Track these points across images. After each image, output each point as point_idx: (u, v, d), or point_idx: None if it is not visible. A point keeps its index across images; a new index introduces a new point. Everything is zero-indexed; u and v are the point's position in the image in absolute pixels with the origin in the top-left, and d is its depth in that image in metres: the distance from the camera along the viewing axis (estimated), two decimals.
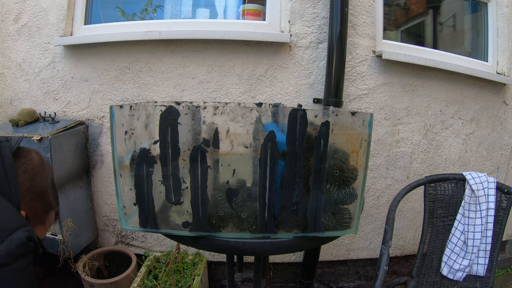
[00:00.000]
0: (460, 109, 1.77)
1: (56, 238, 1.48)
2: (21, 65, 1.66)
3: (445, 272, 1.23)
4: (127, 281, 1.47)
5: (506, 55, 1.84)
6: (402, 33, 2.16)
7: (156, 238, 1.73)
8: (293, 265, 1.81)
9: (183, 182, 0.66)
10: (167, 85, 1.57)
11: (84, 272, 1.48)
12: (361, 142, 0.69)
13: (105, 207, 1.72)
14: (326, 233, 0.70)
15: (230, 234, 0.69)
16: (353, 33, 1.55)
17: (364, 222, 1.78)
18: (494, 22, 1.86)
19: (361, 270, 1.90)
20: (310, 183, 0.66)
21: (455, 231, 1.23)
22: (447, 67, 1.64)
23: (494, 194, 1.20)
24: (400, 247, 1.86)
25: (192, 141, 0.64)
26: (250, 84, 1.56)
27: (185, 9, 1.68)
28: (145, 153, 0.64)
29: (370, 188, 1.73)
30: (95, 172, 1.68)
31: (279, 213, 0.68)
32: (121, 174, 0.67)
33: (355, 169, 0.70)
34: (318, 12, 1.53)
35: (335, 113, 0.70)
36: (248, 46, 1.52)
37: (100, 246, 1.78)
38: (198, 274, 1.48)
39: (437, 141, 1.76)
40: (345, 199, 0.70)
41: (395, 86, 1.64)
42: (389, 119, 1.66)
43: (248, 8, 1.61)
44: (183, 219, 0.68)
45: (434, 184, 1.26)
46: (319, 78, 1.57)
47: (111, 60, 1.57)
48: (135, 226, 0.69)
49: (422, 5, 2.21)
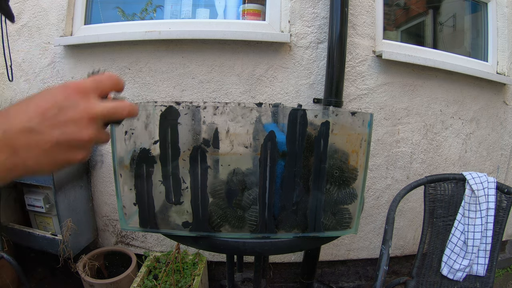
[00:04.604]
0: (460, 109, 1.77)
1: (56, 238, 1.49)
2: (21, 65, 1.66)
3: (445, 272, 1.23)
4: (127, 281, 1.47)
5: (506, 55, 1.84)
6: (402, 33, 2.16)
7: (156, 238, 1.73)
8: (293, 265, 1.81)
9: (183, 182, 0.66)
10: (167, 85, 1.57)
11: (84, 272, 1.48)
12: (361, 142, 0.69)
13: (105, 207, 1.72)
14: (326, 233, 0.70)
15: (230, 234, 0.69)
16: (353, 33, 1.55)
17: (364, 222, 1.78)
18: (494, 22, 1.86)
19: (361, 270, 1.90)
20: (310, 183, 0.66)
21: (455, 231, 1.23)
22: (447, 67, 1.64)
23: (494, 194, 1.20)
24: (400, 247, 1.86)
25: (192, 141, 0.64)
26: (250, 84, 1.56)
27: (185, 9, 1.68)
28: (145, 153, 0.64)
29: (370, 188, 1.73)
30: (95, 172, 1.68)
31: (279, 213, 0.68)
32: (121, 174, 0.66)
33: (355, 169, 0.70)
34: (318, 12, 1.53)
35: (335, 113, 0.70)
36: (248, 46, 1.52)
37: (100, 246, 1.78)
38: (198, 274, 1.48)
39: (437, 141, 1.76)
40: (345, 199, 0.70)
41: (395, 86, 1.64)
42: (389, 119, 1.66)
43: (248, 8, 1.61)
44: (183, 219, 0.68)
45: (434, 184, 1.26)
46: (319, 78, 1.57)
47: (111, 60, 1.57)
48: (135, 226, 0.68)
49: (422, 5, 2.21)
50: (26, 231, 1.54)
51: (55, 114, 0.31)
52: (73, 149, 0.32)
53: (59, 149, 0.31)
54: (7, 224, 1.55)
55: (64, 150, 0.31)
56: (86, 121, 0.32)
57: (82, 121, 0.32)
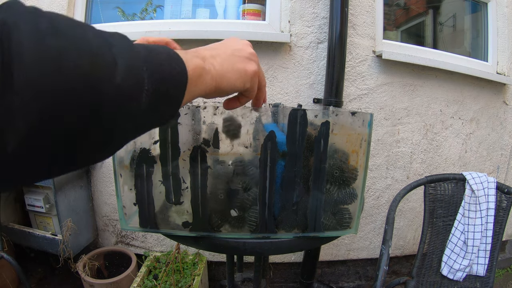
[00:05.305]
0: (460, 109, 1.77)
1: (56, 238, 1.49)
2: None
3: (445, 272, 1.23)
4: (127, 281, 1.47)
5: (506, 55, 1.84)
6: (402, 33, 2.16)
7: (156, 238, 1.73)
8: (293, 265, 1.81)
9: (183, 182, 0.66)
10: None
11: (84, 272, 1.48)
12: (361, 142, 0.69)
13: (105, 207, 1.72)
14: (326, 233, 0.70)
15: (230, 234, 0.69)
16: (353, 33, 1.55)
17: (364, 222, 1.78)
18: (494, 22, 1.86)
19: (361, 270, 1.90)
20: (310, 183, 0.66)
21: (455, 231, 1.23)
22: (447, 67, 1.64)
23: (494, 194, 1.20)
24: (400, 247, 1.86)
25: (192, 141, 0.64)
26: None
27: (185, 9, 1.68)
28: (145, 153, 0.64)
29: (370, 188, 1.73)
30: (95, 172, 1.68)
31: (279, 213, 0.68)
32: (121, 174, 0.67)
33: (355, 169, 0.70)
34: (318, 12, 1.53)
35: (335, 113, 0.70)
36: None
37: (100, 246, 1.78)
38: (198, 274, 1.48)
39: (437, 141, 1.76)
40: (345, 199, 0.70)
41: (395, 86, 1.64)
42: (389, 119, 1.66)
43: (248, 8, 1.61)
44: (183, 219, 0.68)
45: (434, 184, 1.26)
46: (319, 78, 1.57)
47: None
48: (135, 226, 0.68)
49: (422, 5, 2.21)
50: (26, 231, 1.54)
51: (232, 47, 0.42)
52: (246, 60, 0.41)
53: (235, 57, 0.40)
54: (7, 224, 1.55)
55: (240, 59, 0.41)
56: (251, 55, 0.43)
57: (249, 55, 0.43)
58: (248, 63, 0.41)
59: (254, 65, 0.42)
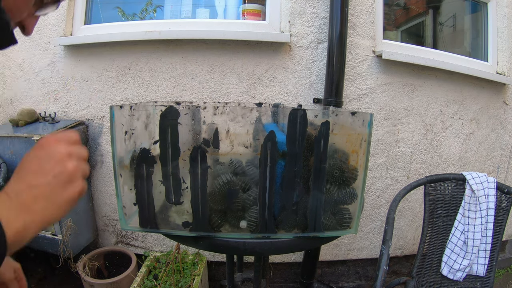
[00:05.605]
0: (460, 109, 1.77)
1: (56, 238, 1.49)
2: (21, 65, 1.66)
3: (445, 272, 1.23)
4: (127, 281, 1.47)
5: (506, 55, 1.84)
6: (402, 33, 2.16)
7: (156, 238, 1.73)
8: (293, 265, 1.81)
9: (183, 182, 0.66)
10: (167, 85, 1.57)
11: (84, 272, 1.48)
12: (361, 142, 0.69)
13: (105, 207, 1.72)
14: (326, 233, 0.70)
15: (230, 234, 0.69)
16: (353, 33, 1.55)
17: (364, 222, 1.78)
18: (494, 22, 1.86)
19: (361, 270, 1.90)
20: (310, 183, 0.66)
21: (455, 231, 1.23)
22: (447, 67, 1.64)
23: (494, 194, 1.20)
24: (400, 247, 1.86)
25: (192, 141, 0.64)
26: (250, 84, 1.56)
27: (185, 9, 1.68)
28: (145, 153, 0.64)
29: (370, 188, 1.73)
30: (95, 172, 1.68)
31: (279, 213, 0.68)
32: (121, 174, 0.67)
33: (355, 169, 0.70)
34: (318, 12, 1.53)
35: (335, 113, 0.71)
36: (248, 46, 1.52)
37: (100, 246, 1.78)
38: (198, 274, 1.48)
39: (437, 141, 1.76)
40: (345, 199, 0.70)
41: (395, 86, 1.64)
42: (389, 119, 1.66)
43: (248, 8, 1.61)
44: (183, 219, 0.68)
45: (434, 184, 1.26)
46: (319, 78, 1.57)
47: (111, 60, 1.57)
48: (135, 226, 0.69)
49: (422, 5, 2.21)
50: None
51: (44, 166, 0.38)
52: (68, 186, 0.39)
53: (57, 188, 0.38)
54: None
55: (61, 189, 0.38)
56: (66, 158, 0.39)
57: (69, 174, 0.39)
58: (70, 187, 0.39)
59: (78, 185, 0.40)
